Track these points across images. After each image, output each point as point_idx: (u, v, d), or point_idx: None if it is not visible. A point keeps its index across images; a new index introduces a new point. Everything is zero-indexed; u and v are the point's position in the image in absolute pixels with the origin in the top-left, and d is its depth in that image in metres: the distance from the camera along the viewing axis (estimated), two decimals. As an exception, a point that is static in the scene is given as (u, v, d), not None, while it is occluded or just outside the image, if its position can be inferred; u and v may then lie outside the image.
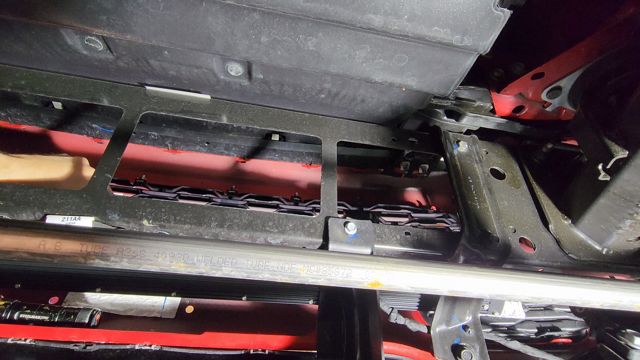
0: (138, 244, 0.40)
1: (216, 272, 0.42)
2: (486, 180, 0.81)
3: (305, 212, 0.96)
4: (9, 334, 0.65)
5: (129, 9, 0.60)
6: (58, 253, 0.38)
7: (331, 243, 0.64)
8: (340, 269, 0.44)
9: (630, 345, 0.67)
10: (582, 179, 0.76)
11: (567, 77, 0.75)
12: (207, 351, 0.68)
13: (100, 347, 0.65)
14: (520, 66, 0.83)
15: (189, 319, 0.86)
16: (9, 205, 0.59)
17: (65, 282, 0.69)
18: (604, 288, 0.52)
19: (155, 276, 0.70)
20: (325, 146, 0.80)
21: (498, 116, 0.87)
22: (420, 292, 0.47)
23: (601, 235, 0.74)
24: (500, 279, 0.49)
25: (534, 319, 0.95)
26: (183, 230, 0.63)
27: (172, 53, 0.72)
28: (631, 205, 0.67)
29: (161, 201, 0.65)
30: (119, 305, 0.84)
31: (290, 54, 0.66)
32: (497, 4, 0.57)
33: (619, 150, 0.65)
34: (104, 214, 0.62)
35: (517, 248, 0.71)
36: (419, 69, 0.69)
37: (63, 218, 0.60)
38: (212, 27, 0.62)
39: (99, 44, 0.71)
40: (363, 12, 0.57)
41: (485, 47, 0.62)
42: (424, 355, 0.73)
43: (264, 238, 0.65)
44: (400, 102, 0.83)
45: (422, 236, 0.72)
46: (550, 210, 0.79)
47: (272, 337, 0.71)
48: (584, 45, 0.68)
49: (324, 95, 0.82)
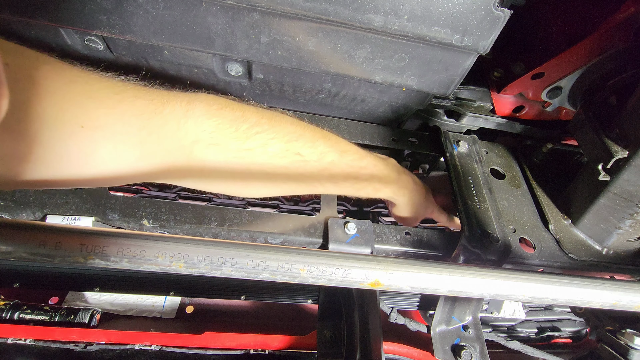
0: (138, 244, 0.39)
1: (216, 272, 0.42)
2: (486, 180, 0.81)
3: (305, 212, 0.96)
4: (9, 334, 0.65)
5: (129, 9, 0.60)
6: (58, 253, 0.38)
7: (331, 243, 0.64)
8: (340, 269, 0.44)
9: (630, 345, 0.67)
10: (582, 179, 0.76)
11: (567, 77, 0.75)
12: (207, 351, 0.68)
13: (100, 347, 0.65)
14: (520, 66, 0.83)
15: (189, 319, 0.86)
16: (9, 205, 0.59)
17: (65, 282, 0.69)
18: (604, 288, 0.51)
19: (155, 276, 0.70)
20: (325, 146, 0.80)
21: (498, 116, 0.87)
22: (420, 292, 0.47)
23: (601, 235, 0.74)
24: (500, 279, 0.49)
25: (534, 319, 0.95)
26: (183, 230, 0.63)
27: (172, 53, 0.72)
28: (631, 205, 0.67)
29: (161, 201, 0.65)
30: (119, 305, 0.84)
31: (290, 54, 0.66)
32: (497, 4, 0.57)
33: (619, 150, 0.65)
34: (104, 214, 0.62)
35: (517, 248, 0.71)
36: (419, 69, 0.69)
37: (63, 218, 0.60)
38: (212, 27, 0.62)
39: (99, 44, 0.71)
40: (363, 12, 0.57)
41: (485, 47, 0.62)
42: (424, 355, 0.73)
43: (264, 238, 0.65)
44: (400, 102, 0.83)
45: (422, 236, 0.72)
46: (550, 210, 0.79)
47: (272, 337, 0.71)
48: (584, 45, 0.68)
49: (324, 95, 0.82)
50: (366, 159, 0.63)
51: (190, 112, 0.47)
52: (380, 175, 0.64)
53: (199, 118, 0.48)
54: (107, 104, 0.41)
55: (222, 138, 0.49)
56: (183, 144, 0.47)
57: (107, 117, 0.41)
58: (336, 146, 0.60)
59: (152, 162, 0.46)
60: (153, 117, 0.44)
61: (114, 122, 0.41)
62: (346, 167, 0.60)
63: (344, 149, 0.61)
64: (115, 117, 0.41)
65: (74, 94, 0.39)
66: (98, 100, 0.40)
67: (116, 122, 0.41)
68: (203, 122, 0.48)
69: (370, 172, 0.63)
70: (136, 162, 0.44)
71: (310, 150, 0.56)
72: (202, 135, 0.48)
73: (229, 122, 0.50)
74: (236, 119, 0.50)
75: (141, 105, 0.44)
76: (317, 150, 0.57)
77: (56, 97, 0.37)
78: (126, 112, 0.42)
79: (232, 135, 0.50)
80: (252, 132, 0.51)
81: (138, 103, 0.43)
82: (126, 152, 0.43)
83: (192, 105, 0.48)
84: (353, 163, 0.61)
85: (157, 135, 0.45)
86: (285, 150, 0.54)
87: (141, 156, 0.44)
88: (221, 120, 0.49)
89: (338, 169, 0.59)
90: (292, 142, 0.55)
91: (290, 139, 0.55)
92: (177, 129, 0.46)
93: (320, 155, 0.58)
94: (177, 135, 0.46)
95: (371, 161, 0.64)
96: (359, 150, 0.64)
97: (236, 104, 0.53)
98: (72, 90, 0.39)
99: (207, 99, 0.50)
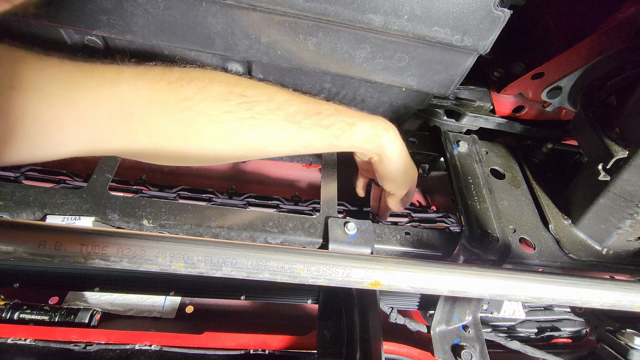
0: (138, 244, 0.40)
1: (216, 272, 0.42)
2: (486, 180, 0.81)
3: (305, 212, 0.96)
4: (9, 334, 0.65)
5: (129, 9, 0.60)
6: (58, 253, 0.38)
7: (331, 243, 0.64)
8: (340, 269, 0.44)
9: (630, 345, 0.67)
10: (582, 179, 0.76)
11: (567, 77, 0.75)
12: (207, 351, 0.68)
13: (100, 347, 0.65)
14: (520, 66, 0.83)
15: (189, 319, 0.86)
16: (9, 205, 0.59)
17: (65, 282, 0.69)
18: (604, 288, 0.52)
19: (155, 276, 0.70)
20: (325, 146, 0.80)
21: (498, 116, 0.87)
22: (420, 292, 0.47)
23: (601, 235, 0.74)
24: (500, 279, 0.49)
25: (534, 319, 0.95)
26: (183, 230, 0.63)
27: (172, 53, 0.72)
28: (631, 205, 0.67)
29: (161, 201, 0.65)
30: (119, 305, 0.84)
31: (290, 54, 0.66)
32: (497, 4, 0.57)
33: (619, 150, 0.65)
34: (104, 214, 0.62)
35: (517, 248, 0.71)
36: (419, 69, 0.69)
37: (63, 218, 0.60)
38: (212, 27, 0.62)
39: (99, 44, 0.71)
40: (363, 12, 0.57)
41: (485, 47, 0.62)
42: (424, 355, 0.73)
43: (264, 238, 0.65)
44: (400, 102, 0.83)
45: (422, 236, 0.72)
46: (550, 210, 0.79)
47: (272, 337, 0.71)
48: (584, 45, 0.68)
49: (324, 95, 0.82)
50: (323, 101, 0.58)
51: (120, 74, 0.46)
52: (345, 110, 0.57)
53: (129, 78, 0.46)
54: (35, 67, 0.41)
55: (157, 94, 0.47)
56: (121, 107, 0.45)
57: (38, 78, 0.40)
58: (285, 90, 0.55)
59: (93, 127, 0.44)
60: (85, 80, 0.43)
61: (44, 83, 0.41)
62: (303, 104, 0.54)
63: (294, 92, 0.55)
64: (45, 77, 0.41)
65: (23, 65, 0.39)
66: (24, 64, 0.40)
67: (47, 83, 0.41)
68: (134, 81, 0.46)
69: (334, 108, 0.56)
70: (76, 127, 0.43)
71: (256, 91, 0.51)
72: (137, 95, 0.46)
73: (159, 76, 0.48)
74: (165, 72, 0.48)
75: (70, 69, 0.43)
76: (263, 90, 0.52)
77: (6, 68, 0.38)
78: (56, 74, 0.42)
79: (165, 87, 0.47)
80: (185, 82, 0.48)
81: (66, 67, 0.43)
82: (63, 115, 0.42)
83: (121, 69, 0.46)
84: (310, 100, 0.55)
85: (92, 97, 0.43)
86: (227, 92, 0.50)
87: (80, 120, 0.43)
88: (151, 76, 0.47)
89: (295, 107, 0.53)
90: (232, 85, 0.51)
91: (230, 82, 0.51)
92: (111, 92, 0.44)
93: (270, 95, 0.52)
94: (113, 99, 0.45)
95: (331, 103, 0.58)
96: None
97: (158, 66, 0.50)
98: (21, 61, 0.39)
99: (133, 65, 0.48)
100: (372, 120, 0.58)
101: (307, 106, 0.54)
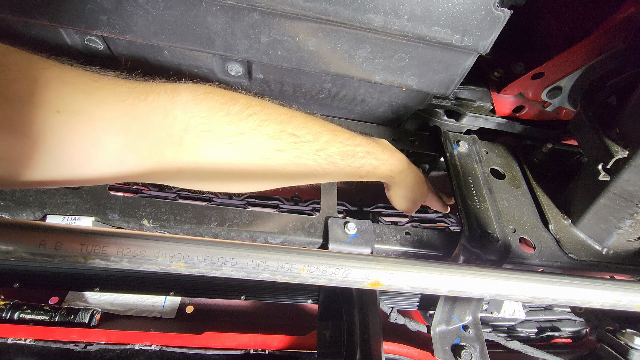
0: (138, 244, 0.39)
1: (216, 272, 0.42)
2: (486, 180, 0.81)
3: (305, 212, 0.96)
4: (9, 334, 0.65)
5: (129, 9, 0.60)
6: (58, 253, 0.38)
7: (331, 243, 0.64)
8: (340, 269, 0.44)
9: (630, 345, 0.67)
10: (582, 179, 0.76)
11: (567, 77, 0.75)
12: (207, 351, 0.68)
13: (100, 347, 0.65)
14: (520, 66, 0.83)
15: (189, 319, 0.86)
16: (9, 205, 0.59)
17: (65, 282, 0.69)
18: (604, 288, 0.51)
19: (155, 276, 0.70)
20: (325, 146, 0.80)
21: (498, 116, 0.87)
22: (420, 292, 0.47)
23: (601, 235, 0.74)
24: (500, 279, 0.49)
25: (534, 319, 0.95)
26: (183, 230, 0.63)
27: (172, 53, 0.72)
28: (631, 205, 0.67)
29: (161, 201, 0.65)
30: (119, 305, 0.84)
31: (290, 54, 0.66)
32: (497, 4, 0.57)
33: (619, 150, 0.65)
34: (104, 214, 0.62)
35: (517, 248, 0.71)
36: (419, 69, 0.69)
37: (63, 218, 0.60)
38: (212, 27, 0.62)
39: (99, 44, 0.71)
40: (363, 12, 0.57)
41: (485, 47, 0.62)
42: (424, 355, 0.73)
43: (264, 238, 0.65)
44: (400, 102, 0.83)
45: (422, 236, 0.72)
46: (550, 210, 0.79)
47: (272, 337, 0.71)
48: (584, 45, 0.68)
49: (324, 95, 0.82)
50: (359, 138, 0.62)
51: (176, 99, 0.44)
52: (375, 152, 0.63)
53: (186, 104, 0.44)
54: (84, 90, 0.37)
55: (213, 123, 0.45)
56: (172, 133, 0.43)
57: (85, 102, 0.37)
58: (328, 126, 0.59)
59: (139, 154, 0.42)
60: (137, 104, 0.40)
61: (93, 108, 0.37)
62: (342, 146, 0.58)
63: (335, 129, 0.59)
64: (94, 102, 0.38)
65: (48, 79, 0.36)
66: (74, 85, 0.37)
67: (96, 108, 0.38)
68: (191, 107, 0.44)
69: (365, 149, 0.61)
70: (120, 152, 0.40)
71: (304, 130, 0.54)
72: (192, 122, 0.44)
73: (219, 106, 0.46)
74: (226, 102, 0.47)
75: (123, 92, 0.40)
76: (311, 130, 0.55)
77: (27, 81, 0.34)
78: (106, 98, 0.39)
79: (223, 119, 0.46)
80: (245, 115, 0.48)
81: (119, 90, 0.40)
82: (108, 140, 0.39)
83: (177, 92, 0.44)
84: (347, 141, 0.59)
85: (142, 123, 0.41)
86: (280, 131, 0.51)
87: (125, 145, 0.40)
88: (211, 105, 0.46)
89: (335, 148, 0.57)
90: (285, 123, 0.52)
91: (283, 120, 0.52)
92: (164, 117, 0.42)
93: (316, 135, 0.55)
94: (164, 124, 0.42)
95: (364, 139, 0.63)
96: (349, 131, 0.62)
97: (222, 89, 0.49)
98: (45, 75, 0.35)
99: (192, 86, 0.47)
100: (392, 163, 0.65)
101: (344, 148, 0.58)
